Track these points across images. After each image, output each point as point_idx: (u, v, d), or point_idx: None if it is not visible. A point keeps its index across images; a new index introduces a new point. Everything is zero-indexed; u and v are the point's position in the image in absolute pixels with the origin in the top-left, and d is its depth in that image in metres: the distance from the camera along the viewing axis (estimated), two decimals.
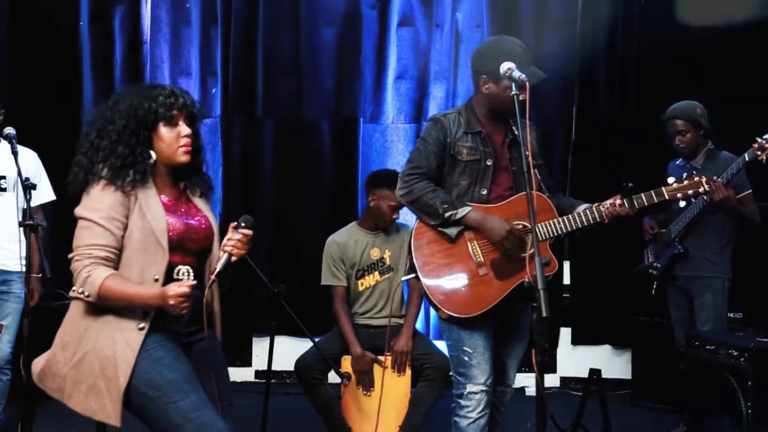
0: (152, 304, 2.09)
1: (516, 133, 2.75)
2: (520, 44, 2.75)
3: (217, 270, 2.19)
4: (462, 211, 2.68)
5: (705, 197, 3.65)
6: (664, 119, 4.00)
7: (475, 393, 2.69)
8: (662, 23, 5.28)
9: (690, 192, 2.83)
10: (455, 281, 2.70)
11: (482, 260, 2.69)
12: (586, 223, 2.70)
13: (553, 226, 2.71)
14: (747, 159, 3.63)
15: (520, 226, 2.68)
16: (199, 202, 2.37)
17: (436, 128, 2.78)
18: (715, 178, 3.59)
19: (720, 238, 3.92)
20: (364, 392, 3.70)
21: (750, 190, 3.88)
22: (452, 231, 2.69)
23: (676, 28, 5.24)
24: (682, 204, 3.02)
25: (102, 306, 2.12)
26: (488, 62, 2.70)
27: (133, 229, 2.14)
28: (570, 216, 2.72)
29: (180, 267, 2.22)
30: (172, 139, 2.24)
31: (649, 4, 5.32)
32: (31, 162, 3.74)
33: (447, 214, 2.67)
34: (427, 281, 2.71)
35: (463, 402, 2.71)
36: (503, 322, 2.83)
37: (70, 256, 2.14)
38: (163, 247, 2.15)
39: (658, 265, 4.10)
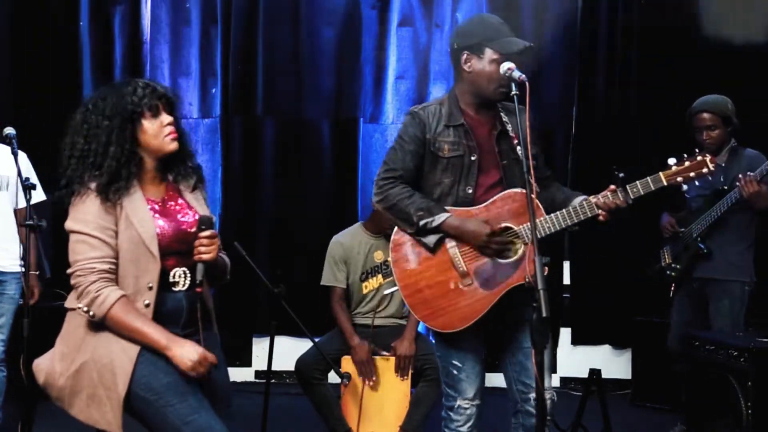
0: (157, 347, 2.08)
1: (505, 123, 2.57)
2: (500, 20, 2.61)
3: (199, 280, 2.18)
4: (439, 219, 2.48)
5: (735, 194, 3.52)
6: (691, 112, 3.80)
7: (465, 408, 2.56)
8: (662, 23, 5.29)
9: (692, 174, 2.45)
10: (438, 295, 2.51)
11: (465, 269, 2.49)
12: (576, 220, 2.45)
13: (540, 225, 2.45)
14: None
15: (502, 226, 2.49)
16: (191, 198, 2.31)
17: (413, 124, 2.58)
18: (749, 173, 3.49)
19: (743, 239, 3.76)
20: (367, 383, 3.69)
21: None
22: (430, 240, 2.51)
23: (677, 28, 5.25)
24: (685, 187, 2.50)
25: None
26: (470, 37, 2.55)
27: (122, 239, 2.12)
28: (560, 213, 2.47)
29: (176, 270, 2.20)
30: (157, 129, 2.20)
31: (649, 4, 5.32)
32: (22, 162, 3.70)
33: (422, 223, 2.48)
34: (408, 299, 2.56)
35: (453, 415, 2.58)
36: (507, 324, 2.61)
37: (69, 271, 2.11)
38: (153, 255, 2.12)
39: (677, 266, 3.91)
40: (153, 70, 5.45)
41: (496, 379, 2.67)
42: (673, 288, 4.02)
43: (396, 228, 2.60)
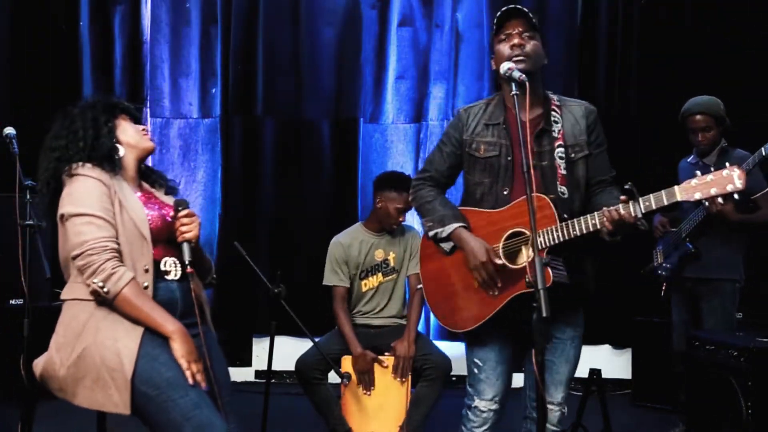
0: (162, 331, 2.12)
1: (554, 122, 2.47)
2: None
3: (188, 260, 2.22)
4: (447, 230, 2.50)
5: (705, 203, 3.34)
6: (685, 114, 3.81)
7: (482, 410, 2.54)
8: (662, 23, 5.29)
9: (714, 191, 2.15)
10: (452, 294, 2.54)
11: None
12: (585, 231, 2.30)
13: (549, 234, 2.34)
14: (764, 153, 3.39)
15: (498, 257, 2.40)
16: (166, 199, 2.42)
17: (453, 124, 2.61)
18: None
19: (730, 239, 3.76)
20: (365, 392, 3.70)
21: (767, 188, 3.68)
22: (445, 246, 2.54)
23: (677, 28, 5.26)
24: (698, 195, 2.18)
25: (99, 304, 2.12)
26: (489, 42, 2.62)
27: (117, 223, 2.17)
28: (570, 222, 2.34)
29: (166, 259, 2.25)
30: (136, 129, 2.38)
31: (649, 4, 5.33)
32: None
33: (431, 233, 2.54)
34: (429, 296, 2.62)
35: (470, 415, 2.57)
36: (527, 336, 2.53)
37: (76, 252, 2.12)
38: (146, 239, 2.18)
39: (668, 265, 3.96)
40: (153, 70, 5.46)
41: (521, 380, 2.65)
42: (664, 287, 4.07)
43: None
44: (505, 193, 2.47)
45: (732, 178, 2.12)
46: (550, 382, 2.51)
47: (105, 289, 2.08)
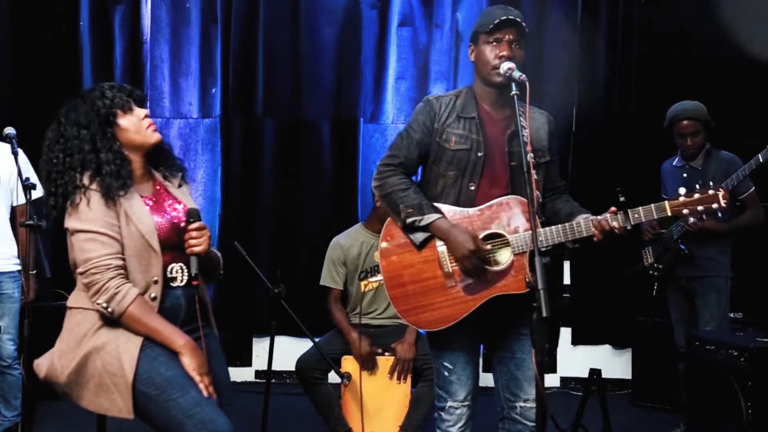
0: (171, 347, 2.12)
1: (522, 127, 2.39)
2: (500, 6, 2.53)
3: (194, 273, 2.21)
4: (428, 219, 2.41)
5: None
6: (673, 120, 3.88)
7: (456, 408, 2.54)
8: (662, 24, 5.29)
9: (701, 208, 2.31)
10: (419, 292, 2.46)
11: (450, 270, 2.42)
12: (570, 237, 2.34)
13: (529, 238, 2.33)
14: (761, 160, 3.49)
15: (487, 244, 2.37)
16: (179, 193, 2.36)
17: (423, 112, 2.53)
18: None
19: (722, 239, 3.87)
20: (370, 373, 3.69)
21: (753, 188, 3.80)
22: (417, 237, 2.45)
23: (676, 28, 5.26)
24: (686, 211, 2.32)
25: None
26: (473, 30, 2.53)
27: (124, 235, 2.14)
28: (554, 228, 2.36)
29: (173, 265, 2.23)
30: (137, 124, 2.25)
31: (649, 4, 5.33)
32: (21, 161, 3.65)
33: (409, 221, 2.43)
34: (390, 291, 2.51)
35: (444, 416, 2.56)
36: (501, 333, 2.55)
37: (81, 270, 2.12)
38: (155, 250, 2.16)
39: (660, 266, 4.04)
40: (153, 70, 5.46)
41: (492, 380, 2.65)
42: (656, 287, 4.13)
43: (389, 218, 2.54)
44: (472, 188, 2.45)
45: (717, 198, 2.31)
46: (523, 379, 2.51)
47: (109, 310, 2.08)
